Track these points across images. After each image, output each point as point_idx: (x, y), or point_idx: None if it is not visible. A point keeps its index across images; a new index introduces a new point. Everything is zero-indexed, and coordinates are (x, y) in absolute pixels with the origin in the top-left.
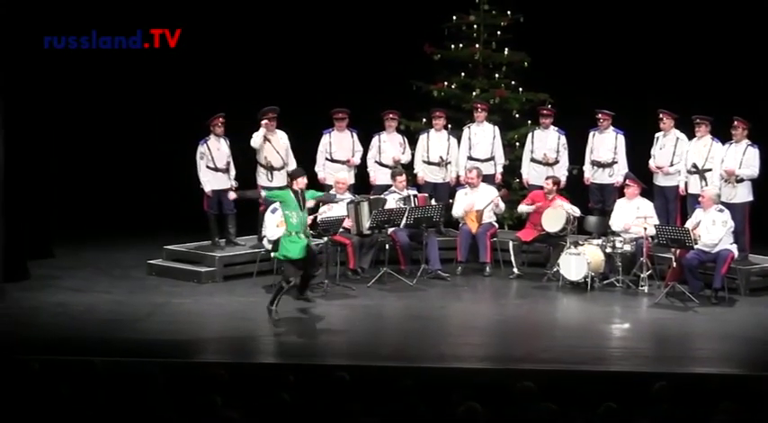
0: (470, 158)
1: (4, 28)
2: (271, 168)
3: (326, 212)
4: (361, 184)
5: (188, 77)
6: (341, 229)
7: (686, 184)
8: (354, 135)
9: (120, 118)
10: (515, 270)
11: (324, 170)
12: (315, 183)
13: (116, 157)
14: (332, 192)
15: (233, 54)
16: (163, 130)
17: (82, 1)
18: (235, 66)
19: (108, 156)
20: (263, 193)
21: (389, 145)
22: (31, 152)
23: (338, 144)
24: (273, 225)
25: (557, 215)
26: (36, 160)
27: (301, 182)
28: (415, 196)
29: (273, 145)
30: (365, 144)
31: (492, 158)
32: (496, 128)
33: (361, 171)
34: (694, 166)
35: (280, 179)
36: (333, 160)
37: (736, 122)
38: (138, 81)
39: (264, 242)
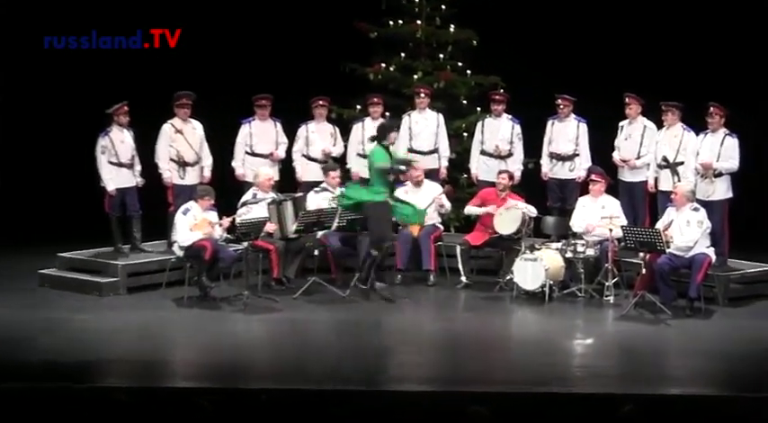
0: (411, 151)
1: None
2: (183, 164)
3: (246, 214)
4: (287, 180)
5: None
6: (263, 234)
7: (656, 179)
8: (278, 125)
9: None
10: (463, 278)
11: (243, 165)
12: (232, 179)
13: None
14: (253, 190)
15: None
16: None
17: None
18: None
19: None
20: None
21: (318, 136)
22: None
23: (260, 135)
24: (185, 228)
25: (510, 216)
26: None
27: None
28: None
29: (186, 137)
30: (291, 135)
31: (435, 151)
32: (441, 116)
33: (287, 166)
34: (664, 159)
35: (192, 177)
36: (254, 154)
37: (712, 109)
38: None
39: (175, 248)
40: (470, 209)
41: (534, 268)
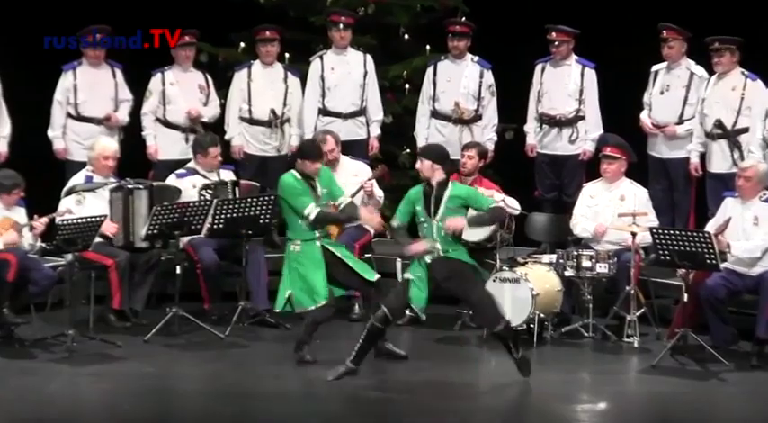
0: (324, 112)
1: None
2: None
3: (73, 210)
4: (133, 158)
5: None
6: (98, 240)
7: (703, 155)
8: (118, 73)
9: None
10: (407, 310)
11: (64, 136)
12: (49, 156)
13: None
14: (86, 172)
15: None
16: None
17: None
18: None
19: None
20: None
21: (181, 89)
22: None
23: (90, 88)
24: None
25: None
26: None
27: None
28: (235, 183)
29: None
30: (139, 88)
31: (362, 112)
32: (370, 58)
33: (133, 135)
34: (719, 124)
35: None
36: (80, 117)
37: None
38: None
39: None
40: None
41: (516, 294)
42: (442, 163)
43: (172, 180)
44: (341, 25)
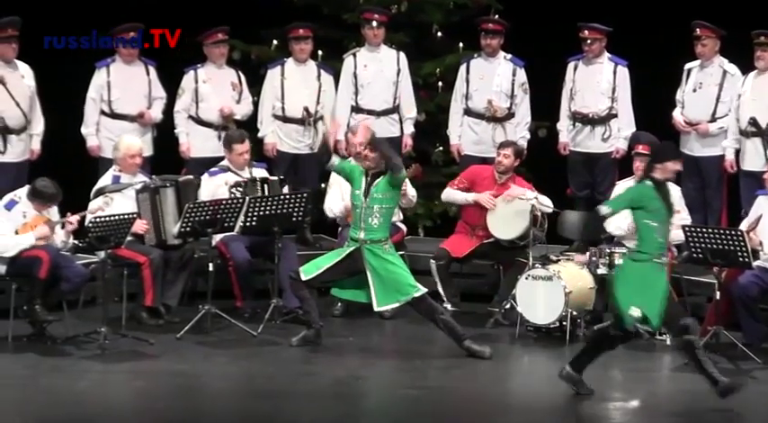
0: (357, 110)
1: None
2: (3, 131)
3: (103, 208)
4: (165, 155)
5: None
6: (129, 238)
7: (737, 153)
8: (152, 70)
9: None
10: (447, 305)
11: (98, 133)
12: (82, 153)
13: None
14: (113, 172)
15: None
16: None
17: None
18: None
19: None
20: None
21: (214, 87)
22: None
23: (123, 85)
24: (10, 230)
25: (514, 211)
26: None
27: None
28: (265, 180)
29: (9, 88)
30: (172, 85)
31: (395, 110)
32: (403, 56)
33: (167, 133)
34: (753, 121)
35: (18, 149)
36: (114, 115)
37: None
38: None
39: None
40: (451, 194)
41: (548, 292)
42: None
43: (204, 179)
44: (374, 23)
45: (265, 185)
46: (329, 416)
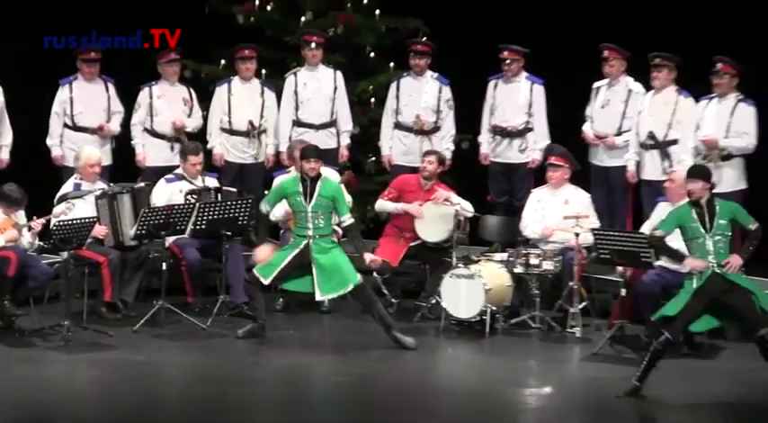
0: (297, 124)
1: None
2: None
3: (66, 213)
4: (122, 165)
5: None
6: (90, 240)
7: (638, 164)
8: (111, 87)
9: None
10: (392, 299)
11: (62, 144)
12: (47, 162)
13: None
14: (75, 179)
15: None
16: None
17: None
18: None
19: None
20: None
21: (167, 103)
22: None
23: (85, 101)
24: None
25: (439, 216)
26: None
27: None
28: (217, 189)
29: None
30: (129, 101)
31: (332, 123)
32: (339, 74)
33: (124, 144)
34: (651, 136)
35: None
36: (76, 127)
37: (720, 66)
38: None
39: None
40: (383, 205)
41: (470, 289)
42: (710, 181)
43: (161, 184)
44: (313, 44)
45: (218, 194)
46: (272, 401)
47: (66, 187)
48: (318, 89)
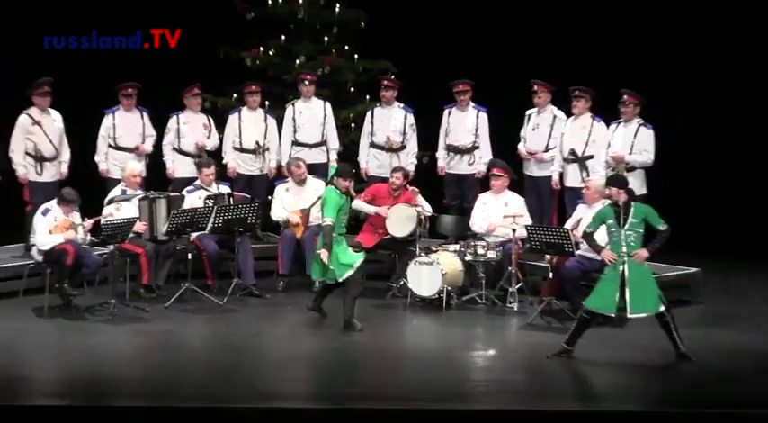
0: (295, 144)
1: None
2: (40, 159)
3: (114, 213)
4: (156, 176)
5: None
6: (131, 235)
7: (561, 175)
8: (145, 115)
9: None
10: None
11: (107, 160)
12: (95, 176)
13: None
14: (122, 186)
15: None
16: None
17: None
18: None
19: None
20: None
21: (191, 127)
22: None
23: (125, 127)
24: (45, 231)
25: (405, 216)
26: None
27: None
28: (230, 195)
29: (45, 129)
30: (160, 127)
31: (323, 143)
32: (328, 105)
33: (156, 161)
34: (572, 152)
35: (51, 173)
36: (117, 147)
37: (625, 97)
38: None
39: (33, 252)
40: (359, 204)
41: (430, 273)
42: (625, 187)
43: (185, 194)
44: (306, 81)
45: (231, 199)
46: (274, 361)
47: (115, 192)
48: (312, 116)
